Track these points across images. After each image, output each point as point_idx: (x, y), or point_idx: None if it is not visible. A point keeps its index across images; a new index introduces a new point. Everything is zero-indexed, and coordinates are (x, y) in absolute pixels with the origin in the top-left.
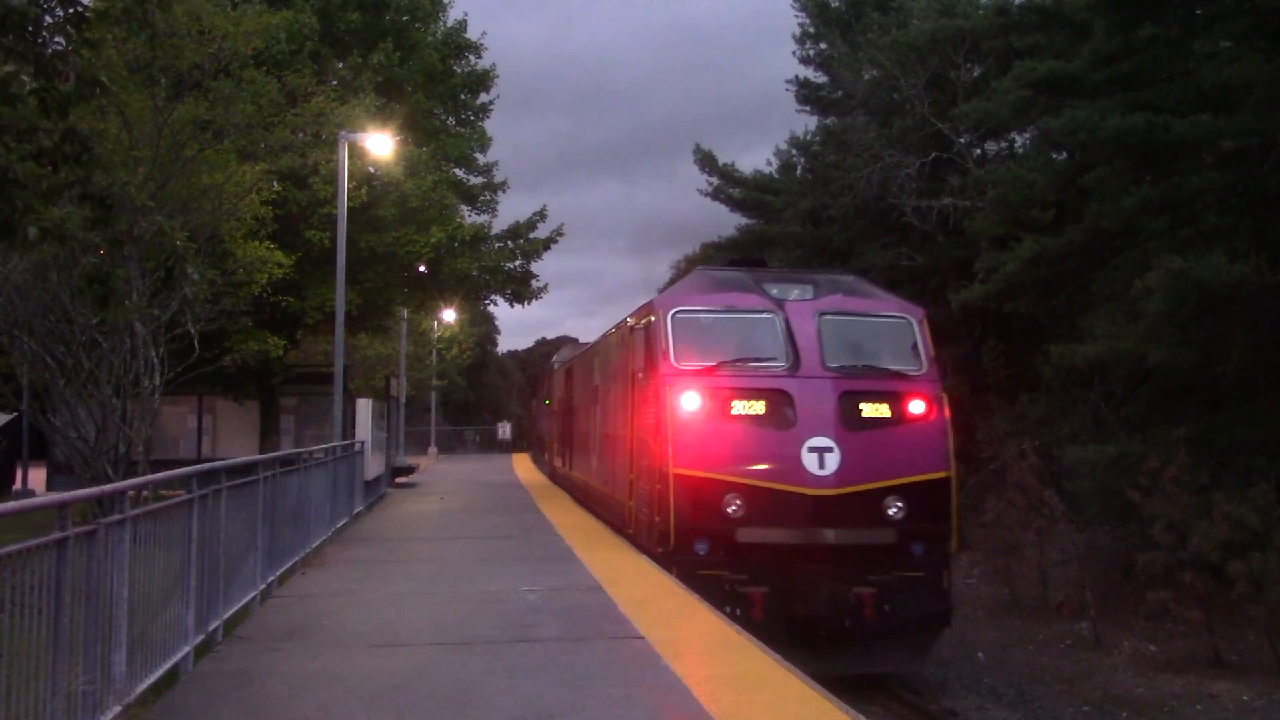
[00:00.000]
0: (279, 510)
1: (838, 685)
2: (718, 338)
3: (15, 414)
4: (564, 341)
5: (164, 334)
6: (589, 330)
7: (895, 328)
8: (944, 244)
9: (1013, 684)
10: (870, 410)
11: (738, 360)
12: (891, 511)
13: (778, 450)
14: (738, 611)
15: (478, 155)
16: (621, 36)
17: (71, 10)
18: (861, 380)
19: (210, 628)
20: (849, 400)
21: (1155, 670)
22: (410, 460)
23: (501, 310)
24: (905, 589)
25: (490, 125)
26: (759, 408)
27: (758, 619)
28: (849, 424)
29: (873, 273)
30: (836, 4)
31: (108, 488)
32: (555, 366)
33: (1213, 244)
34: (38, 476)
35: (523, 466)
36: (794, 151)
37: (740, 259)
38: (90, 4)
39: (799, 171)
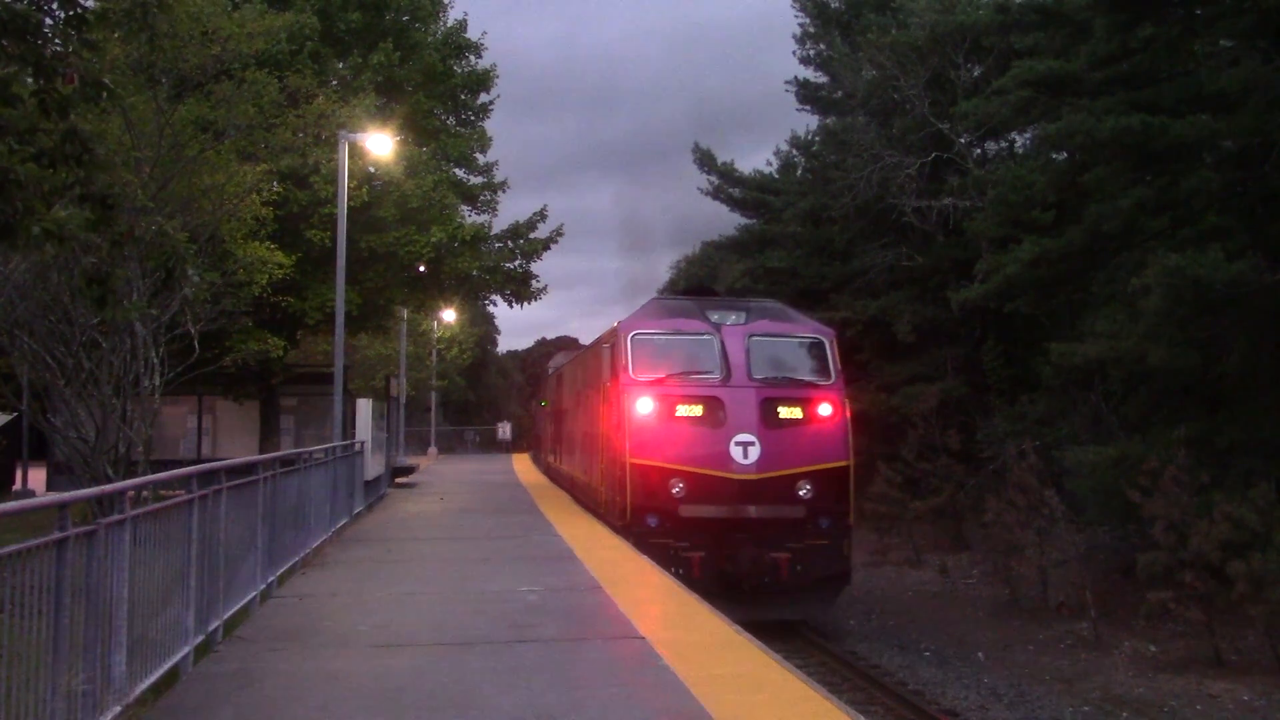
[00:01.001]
0: (279, 510)
1: (759, 629)
2: (667, 355)
3: (15, 414)
4: (564, 342)
5: (164, 334)
6: (592, 330)
7: (810, 346)
8: (944, 244)
9: (1013, 684)
10: (786, 412)
11: (682, 373)
12: (802, 492)
13: (712, 444)
14: (680, 571)
15: (478, 155)
16: (632, 38)
17: (72, 12)
18: (780, 388)
19: (210, 628)
20: (769, 404)
21: (1155, 670)
22: (410, 460)
23: (501, 310)
24: (813, 554)
25: (500, 126)
26: (698, 410)
27: (696, 576)
28: (768, 423)
29: (872, 273)
30: (836, 4)
31: (108, 488)
32: (550, 372)
33: (1212, 243)
34: (38, 476)
35: (523, 466)
36: (794, 151)
37: (692, 288)
38: (91, 5)
39: (799, 171)
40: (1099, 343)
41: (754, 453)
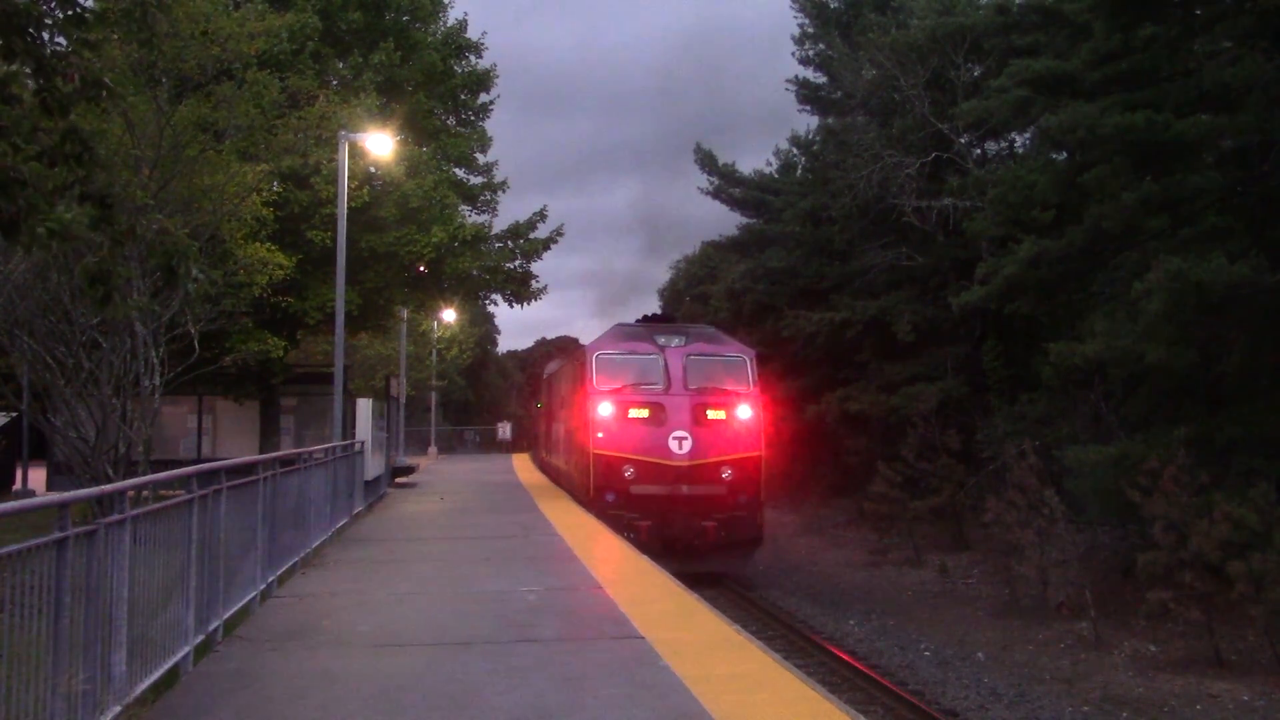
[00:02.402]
0: (279, 510)
1: (691, 579)
2: (622, 370)
3: (15, 414)
4: (564, 342)
5: (164, 334)
6: (595, 330)
7: (735, 363)
8: (944, 244)
9: (1013, 684)
10: (713, 414)
11: (634, 384)
12: (724, 475)
13: (655, 439)
14: (631, 536)
15: (478, 155)
16: (646, 40)
17: (71, 11)
18: (708, 396)
19: (210, 628)
20: (699, 408)
21: (1155, 670)
22: (410, 460)
23: (502, 310)
24: (733, 523)
25: (514, 126)
26: (645, 413)
27: (644, 540)
28: (699, 422)
29: (873, 273)
30: (835, 4)
31: (108, 488)
32: (544, 376)
33: (1212, 244)
34: (38, 476)
35: (522, 466)
36: (794, 151)
37: (650, 316)
38: (90, 4)
39: (799, 171)
40: (1098, 342)
41: (687, 445)
